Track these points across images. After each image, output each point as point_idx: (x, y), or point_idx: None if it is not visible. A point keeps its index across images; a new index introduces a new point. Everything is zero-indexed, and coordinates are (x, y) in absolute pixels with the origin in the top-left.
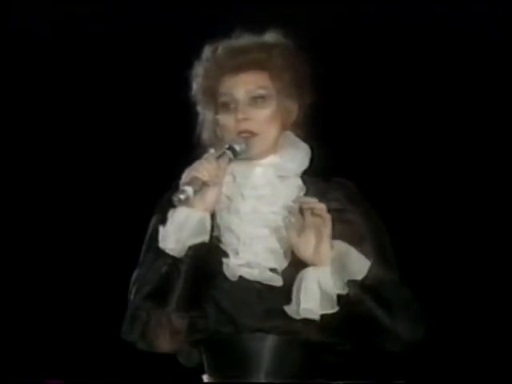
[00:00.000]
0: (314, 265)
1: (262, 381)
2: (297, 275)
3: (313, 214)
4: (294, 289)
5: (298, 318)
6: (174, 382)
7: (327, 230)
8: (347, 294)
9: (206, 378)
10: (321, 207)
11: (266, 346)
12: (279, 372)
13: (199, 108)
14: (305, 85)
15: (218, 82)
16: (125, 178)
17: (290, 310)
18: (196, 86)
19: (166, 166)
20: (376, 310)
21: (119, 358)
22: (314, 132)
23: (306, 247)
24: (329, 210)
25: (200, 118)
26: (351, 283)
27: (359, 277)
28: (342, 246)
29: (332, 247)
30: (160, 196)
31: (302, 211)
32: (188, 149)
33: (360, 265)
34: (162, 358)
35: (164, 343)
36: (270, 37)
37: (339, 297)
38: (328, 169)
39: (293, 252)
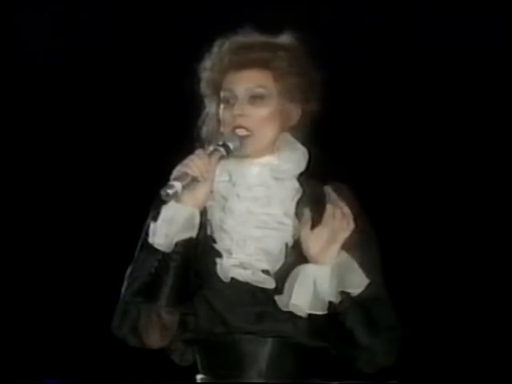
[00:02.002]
0: (315, 263)
1: (257, 380)
2: (293, 270)
3: (339, 217)
4: (288, 281)
5: (285, 309)
6: (168, 382)
7: (344, 235)
8: (336, 304)
9: (199, 377)
10: (350, 214)
11: (261, 346)
12: (274, 371)
13: (206, 101)
14: (311, 91)
15: (222, 77)
16: (123, 173)
17: (280, 300)
18: (203, 79)
19: (165, 161)
20: (358, 328)
21: (116, 358)
22: (313, 136)
23: (315, 244)
24: None
25: (205, 111)
26: (344, 294)
27: (355, 291)
28: (345, 256)
29: (339, 254)
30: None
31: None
32: (189, 145)
33: (359, 280)
34: (157, 357)
35: (154, 339)
36: (282, 38)
37: (329, 303)
38: (325, 172)
39: (286, 254)
